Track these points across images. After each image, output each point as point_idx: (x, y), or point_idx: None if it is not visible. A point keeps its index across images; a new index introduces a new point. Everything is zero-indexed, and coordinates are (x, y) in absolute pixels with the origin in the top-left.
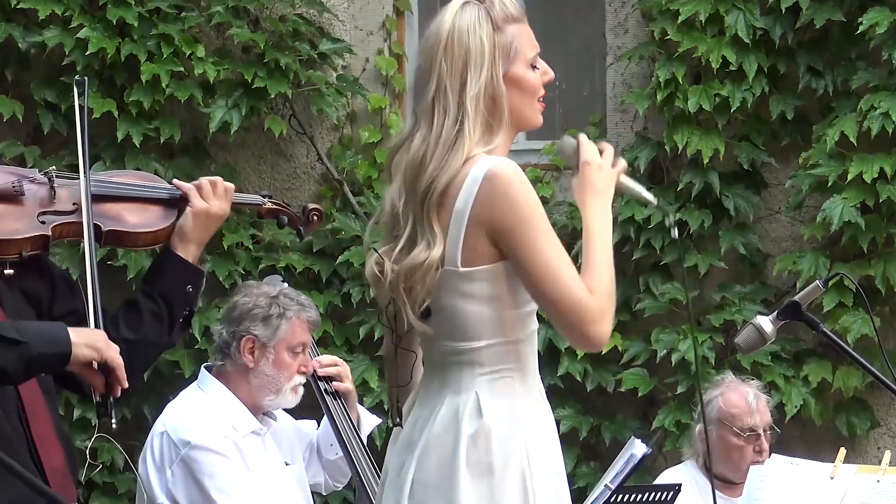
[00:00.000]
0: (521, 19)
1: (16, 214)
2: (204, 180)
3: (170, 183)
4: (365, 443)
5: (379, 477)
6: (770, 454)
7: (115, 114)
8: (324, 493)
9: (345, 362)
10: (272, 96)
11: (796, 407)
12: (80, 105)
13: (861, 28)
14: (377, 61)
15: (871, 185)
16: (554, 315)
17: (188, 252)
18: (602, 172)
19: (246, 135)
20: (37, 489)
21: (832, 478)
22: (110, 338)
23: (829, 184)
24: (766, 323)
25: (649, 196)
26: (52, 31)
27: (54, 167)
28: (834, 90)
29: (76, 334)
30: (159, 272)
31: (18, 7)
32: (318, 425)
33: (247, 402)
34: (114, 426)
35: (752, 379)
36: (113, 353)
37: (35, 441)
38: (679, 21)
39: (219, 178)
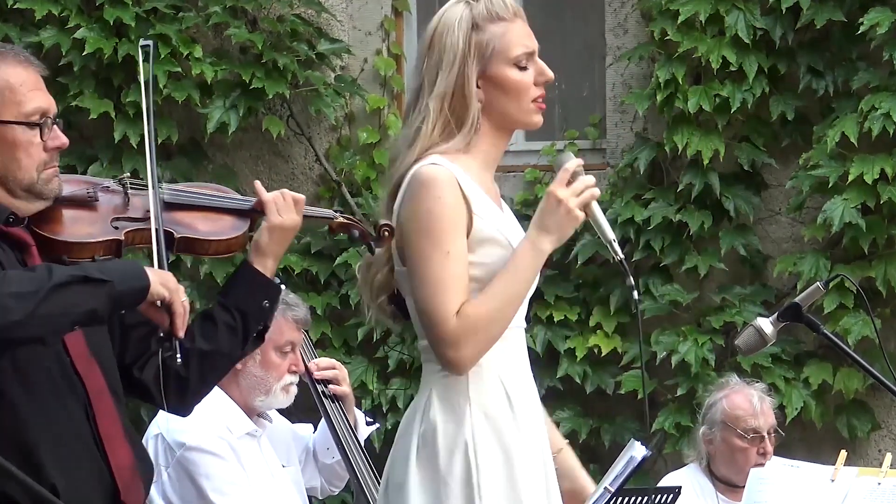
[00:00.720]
0: (509, 18)
1: (90, 219)
2: (277, 194)
3: (253, 191)
4: (363, 446)
5: (377, 479)
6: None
7: (112, 114)
8: (320, 497)
9: (342, 365)
10: (270, 97)
11: (797, 409)
12: (145, 73)
13: (862, 28)
14: (376, 62)
15: (872, 186)
16: (416, 322)
17: (265, 266)
18: (558, 210)
19: (243, 135)
20: (35, 494)
21: (833, 480)
22: (185, 348)
23: (830, 185)
24: (766, 325)
25: (610, 234)
26: (48, 31)
27: (128, 174)
28: (835, 91)
29: (151, 273)
30: (237, 285)
31: (15, 7)
32: (315, 429)
33: (239, 404)
34: (178, 361)
35: (757, 381)
36: (179, 297)
37: (102, 439)
38: (679, 21)
39: (288, 191)
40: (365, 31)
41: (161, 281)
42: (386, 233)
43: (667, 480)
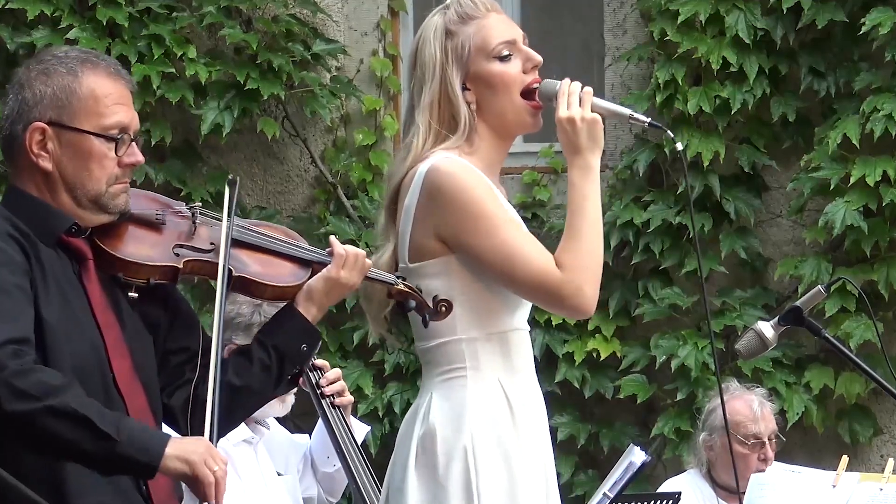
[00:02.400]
0: (480, 16)
1: (153, 241)
2: (350, 251)
3: (328, 244)
4: (362, 451)
5: (377, 485)
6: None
7: None
8: None
9: (340, 371)
10: (265, 98)
11: (798, 414)
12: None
13: (864, 29)
14: (371, 62)
15: (874, 189)
16: (526, 296)
17: (310, 312)
18: (582, 126)
19: (238, 137)
20: None
21: (834, 486)
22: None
23: (832, 187)
24: (767, 328)
25: (626, 111)
26: (41, 31)
27: (199, 203)
28: (836, 92)
29: (173, 446)
30: (278, 326)
31: (7, 7)
32: (310, 437)
33: None
34: None
35: (757, 386)
36: (206, 471)
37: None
38: (679, 21)
39: (362, 253)
40: (361, 31)
41: (180, 454)
42: (443, 308)
43: (666, 486)
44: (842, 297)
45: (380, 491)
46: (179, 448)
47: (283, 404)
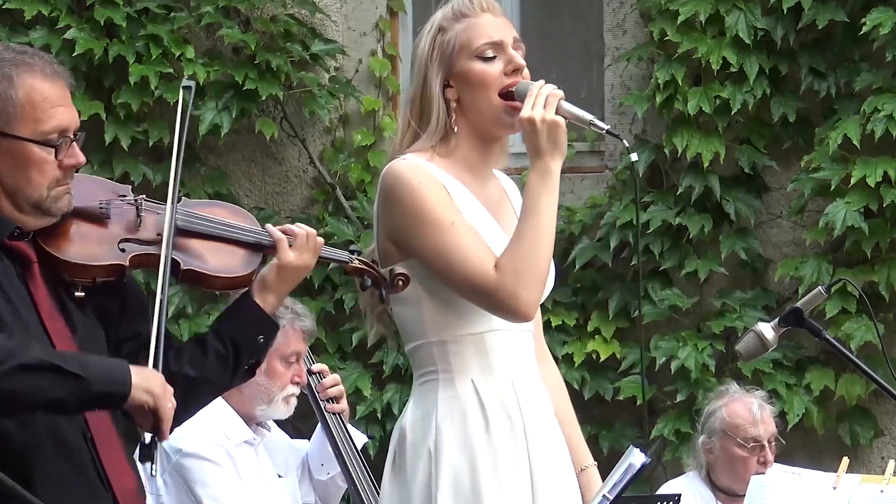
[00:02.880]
0: (473, 14)
1: (98, 238)
2: (299, 232)
3: (263, 227)
4: (361, 455)
5: (375, 490)
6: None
7: (103, 116)
8: None
9: (339, 377)
10: (263, 98)
11: (798, 415)
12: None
13: (864, 29)
14: (370, 63)
15: (875, 189)
16: (465, 298)
17: (266, 302)
18: (543, 128)
19: (236, 138)
20: None
21: (835, 488)
22: (171, 371)
23: (832, 188)
24: (767, 330)
25: (587, 116)
26: (38, 31)
27: (144, 195)
28: (837, 92)
29: (137, 375)
30: (234, 316)
31: (4, 7)
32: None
33: (239, 411)
34: (153, 474)
35: (757, 389)
36: (165, 402)
37: (105, 466)
38: (679, 21)
39: (312, 232)
40: (360, 31)
41: (145, 387)
42: (400, 281)
43: (665, 489)
44: (842, 299)
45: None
46: (142, 377)
47: (287, 406)
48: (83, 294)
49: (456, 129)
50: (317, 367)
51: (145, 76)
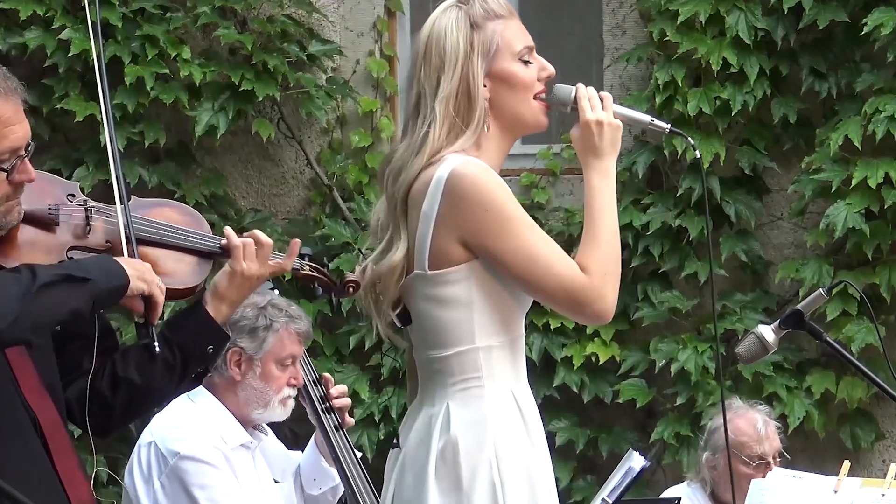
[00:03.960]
0: (505, 16)
1: (46, 246)
2: (251, 241)
3: (219, 233)
4: (359, 460)
5: (374, 495)
6: None
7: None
8: None
9: (346, 387)
10: (260, 99)
11: (799, 419)
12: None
13: (865, 29)
14: (368, 63)
15: (876, 191)
16: (548, 303)
17: (219, 311)
18: (608, 130)
19: (233, 139)
20: None
21: (836, 491)
22: (116, 375)
23: (833, 189)
24: (767, 332)
25: (646, 118)
26: (33, 32)
27: (90, 201)
28: (838, 93)
29: (128, 266)
30: (184, 324)
31: None
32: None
33: (236, 415)
34: (157, 349)
35: (760, 404)
36: (157, 288)
37: (60, 476)
38: (678, 22)
39: (267, 241)
40: (357, 31)
41: (138, 275)
42: (351, 288)
43: (667, 494)
44: (843, 301)
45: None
46: (134, 267)
47: (284, 408)
48: None
49: (488, 129)
50: (324, 376)
51: (141, 77)
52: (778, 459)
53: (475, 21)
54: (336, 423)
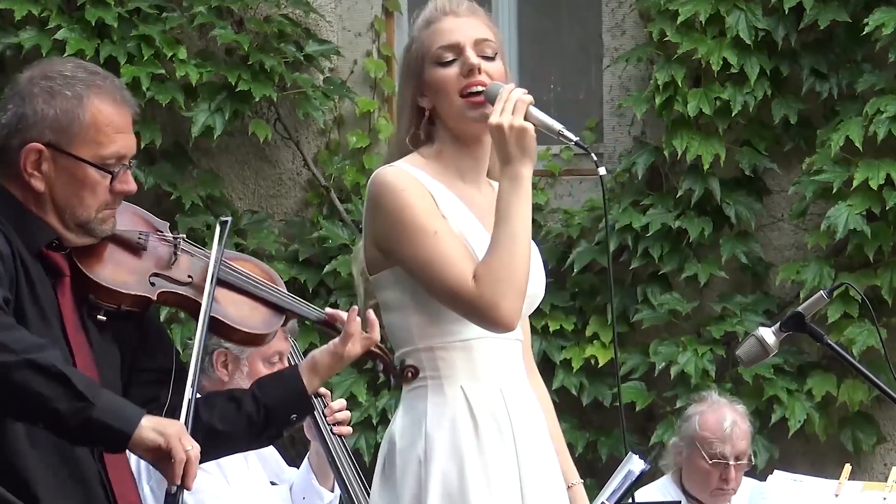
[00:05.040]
0: (437, 20)
1: (130, 267)
2: (359, 330)
3: (323, 311)
4: (357, 466)
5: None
6: (738, 484)
7: None
8: None
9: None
10: (257, 100)
11: (800, 421)
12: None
13: (867, 29)
14: (365, 63)
15: (878, 192)
16: (447, 307)
17: (311, 383)
18: (507, 135)
19: (229, 139)
20: None
21: (837, 495)
22: (200, 418)
23: (834, 190)
24: (768, 335)
25: (557, 126)
26: (28, 32)
27: (184, 235)
28: (839, 93)
29: (150, 418)
30: (276, 386)
31: None
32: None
33: None
34: None
35: (739, 403)
36: (179, 444)
37: (112, 483)
38: (678, 22)
39: (375, 321)
40: (354, 31)
41: (156, 427)
42: (409, 374)
43: (639, 496)
44: (844, 303)
45: None
46: (155, 421)
47: None
48: (105, 318)
49: (424, 136)
50: (321, 390)
51: (137, 77)
52: (741, 462)
53: (413, 34)
54: (338, 439)
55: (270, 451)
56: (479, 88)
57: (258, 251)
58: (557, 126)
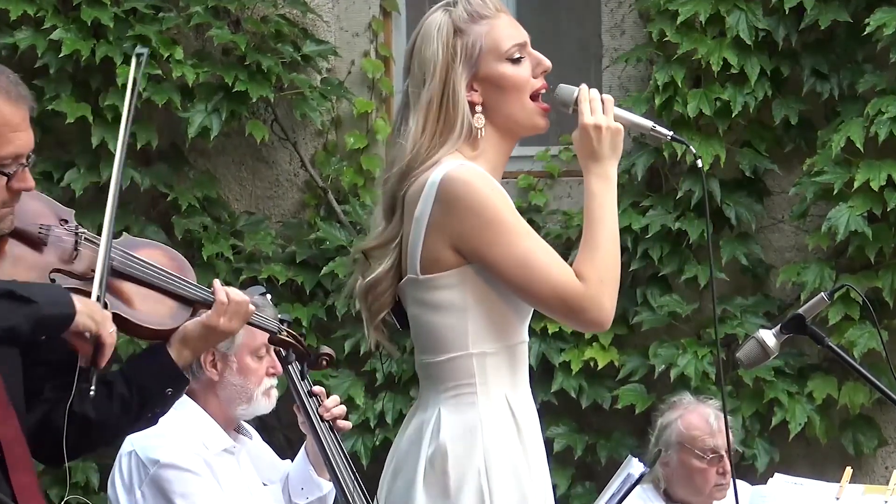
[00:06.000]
0: (491, 15)
1: (30, 263)
2: (235, 299)
3: (208, 286)
4: (352, 466)
5: (367, 500)
6: (734, 477)
7: (90, 119)
8: None
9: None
10: (253, 100)
11: (800, 424)
12: (133, 79)
13: (868, 29)
14: (363, 64)
15: (879, 193)
16: (543, 310)
17: (181, 356)
18: (606, 134)
19: (226, 140)
20: None
21: (838, 498)
22: (72, 411)
23: (835, 191)
24: (768, 337)
25: (648, 123)
26: (23, 32)
27: (82, 229)
28: (840, 94)
29: (79, 301)
30: (145, 365)
31: None
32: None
33: (219, 418)
34: (91, 393)
35: (710, 398)
36: (106, 330)
37: (16, 494)
38: (678, 22)
39: (246, 301)
40: (352, 32)
41: (88, 311)
42: (324, 361)
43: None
44: (845, 305)
45: None
46: (85, 304)
47: (268, 400)
48: None
49: (483, 133)
50: (315, 389)
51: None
52: (731, 454)
53: (458, 26)
54: (329, 430)
55: (262, 453)
56: (544, 91)
57: (255, 253)
58: (649, 123)
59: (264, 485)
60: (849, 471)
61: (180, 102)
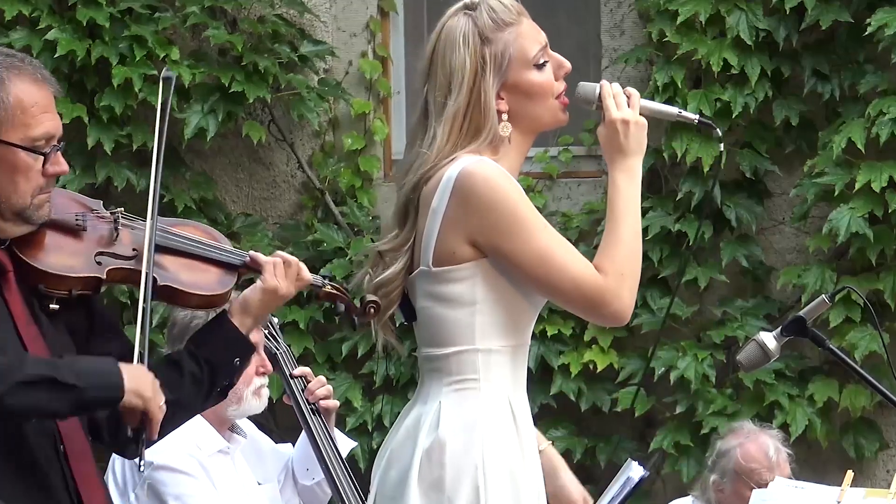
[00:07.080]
0: (515, 21)
1: (73, 250)
2: (280, 259)
3: (247, 253)
4: (345, 461)
5: (360, 497)
6: None
7: (86, 119)
8: None
9: (324, 378)
10: (250, 101)
11: (801, 428)
12: (162, 101)
13: (869, 30)
14: (361, 64)
15: (880, 195)
16: (563, 304)
17: (244, 324)
18: (633, 128)
19: (223, 141)
20: None
21: (839, 502)
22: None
23: (836, 193)
24: (769, 339)
25: (674, 111)
26: (19, 32)
27: (122, 209)
28: (841, 95)
29: (128, 379)
30: (211, 337)
31: None
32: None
33: (211, 419)
34: (141, 468)
35: (771, 427)
36: (155, 406)
37: (76, 480)
38: (678, 22)
39: (295, 260)
40: (350, 32)
41: (136, 390)
42: (372, 309)
43: None
44: (846, 307)
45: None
46: (133, 382)
47: (259, 399)
48: (58, 307)
49: (510, 141)
50: (298, 370)
51: (129, 78)
52: None
53: (485, 35)
54: (321, 424)
55: (261, 448)
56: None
57: None
58: (674, 110)
59: (259, 484)
60: (850, 474)
61: (176, 103)
